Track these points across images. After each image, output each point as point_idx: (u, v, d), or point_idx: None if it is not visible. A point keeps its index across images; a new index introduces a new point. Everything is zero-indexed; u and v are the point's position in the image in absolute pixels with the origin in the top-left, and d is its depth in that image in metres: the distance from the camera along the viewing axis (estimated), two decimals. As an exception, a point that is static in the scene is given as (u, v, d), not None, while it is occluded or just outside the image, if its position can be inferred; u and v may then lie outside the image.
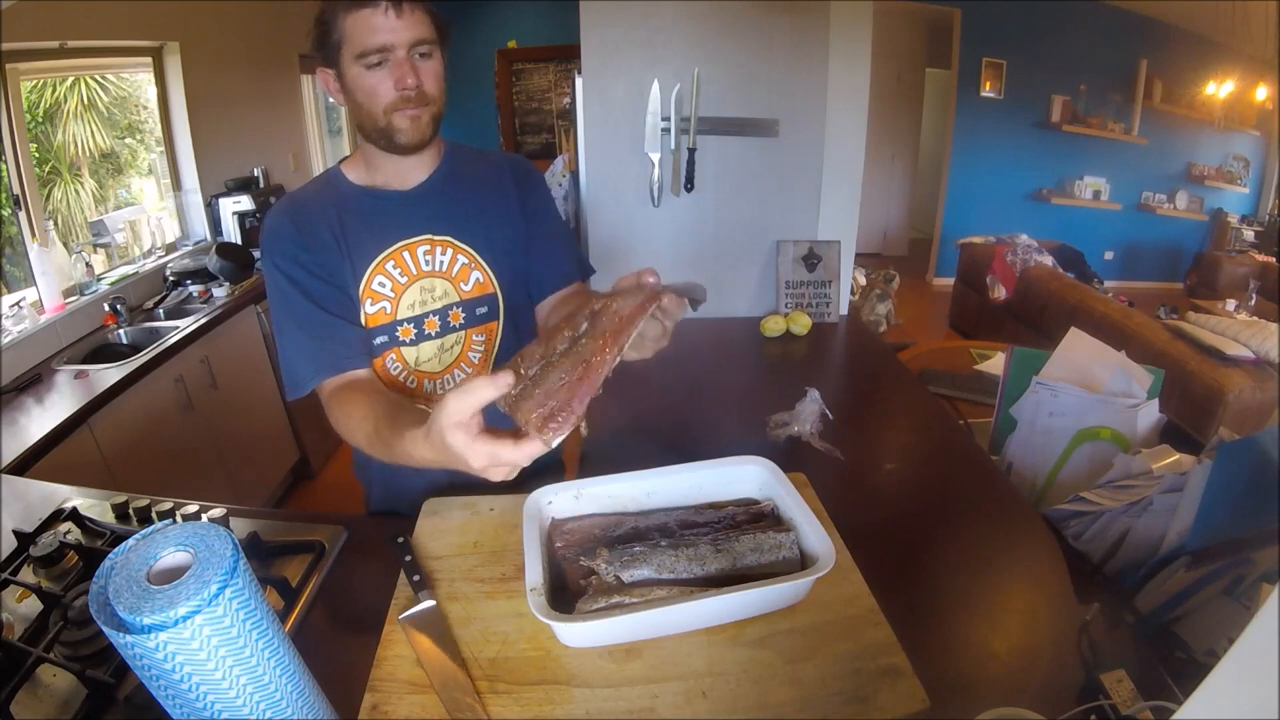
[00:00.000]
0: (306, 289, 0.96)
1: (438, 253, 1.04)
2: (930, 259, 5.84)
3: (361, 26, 0.86)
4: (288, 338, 0.97)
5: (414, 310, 1.04)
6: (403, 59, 0.89)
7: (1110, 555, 0.96)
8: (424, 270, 1.03)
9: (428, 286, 1.04)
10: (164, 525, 0.53)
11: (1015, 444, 1.22)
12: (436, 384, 1.08)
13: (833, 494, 0.95)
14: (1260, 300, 4.27)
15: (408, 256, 1.02)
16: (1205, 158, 5.57)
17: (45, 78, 2.40)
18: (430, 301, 1.05)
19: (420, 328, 1.05)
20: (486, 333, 1.10)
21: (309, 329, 0.96)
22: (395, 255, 1.01)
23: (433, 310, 1.05)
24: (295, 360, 0.96)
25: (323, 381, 0.94)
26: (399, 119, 0.92)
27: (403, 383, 1.06)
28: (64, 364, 2.06)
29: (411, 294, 1.03)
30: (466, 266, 1.06)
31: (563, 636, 0.71)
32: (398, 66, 0.89)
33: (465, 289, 1.06)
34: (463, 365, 1.09)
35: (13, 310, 2.09)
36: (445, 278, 1.05)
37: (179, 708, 0.49)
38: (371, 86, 0.90)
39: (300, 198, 1.03)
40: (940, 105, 5.71)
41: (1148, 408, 1.12)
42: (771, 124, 1.85)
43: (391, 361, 1.04)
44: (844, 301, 2.00)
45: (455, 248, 1.05)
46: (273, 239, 0.97)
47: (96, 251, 2.59)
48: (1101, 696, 0.66)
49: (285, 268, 0.96)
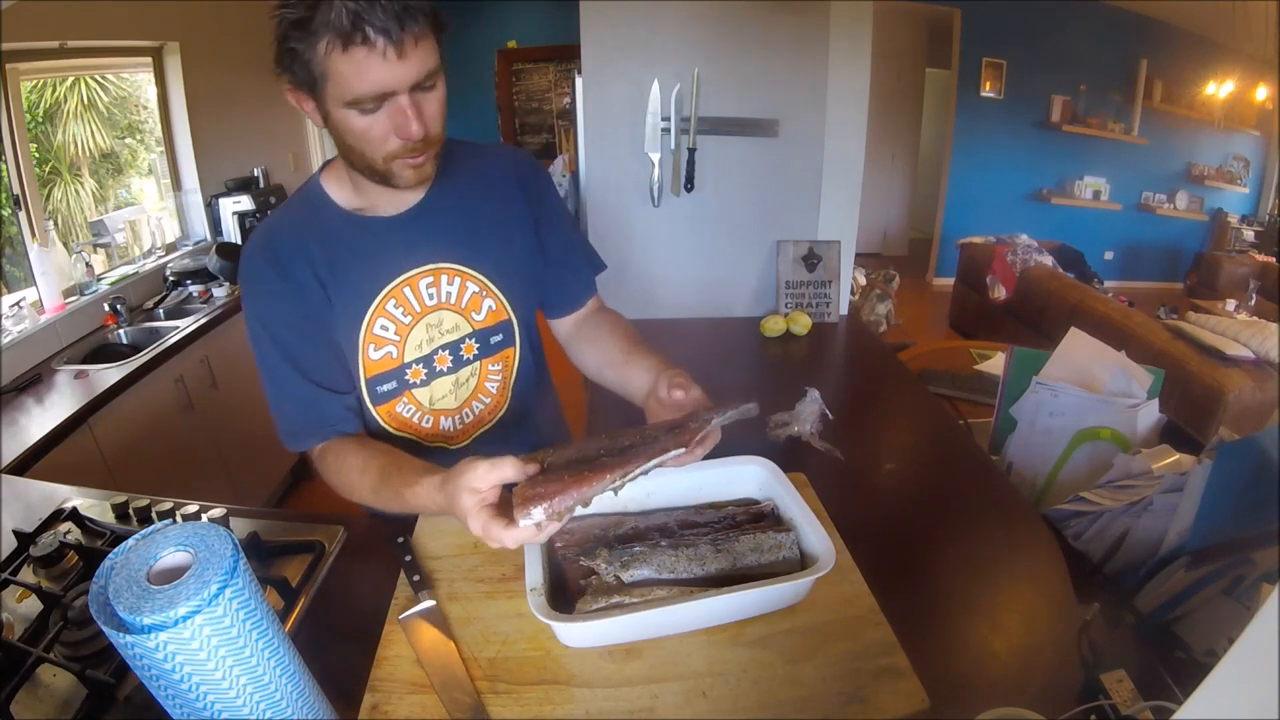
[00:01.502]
0: (288, 349, 0.87)
1: (444, 283, 0.92)
2: (930, 259, 5.84)
3: (351, 70, 0.70)
4: (272, 395, 0.89)
5: (422, 349, 0.94)
6: (405, 104, 0.74)
7: (1110, 555, 0.96)
8: (429, 305, 0.92)
9: (434, 321, 0.93)
10: (164, 525, 0.53)
11: (1015, 444, 1.22)
12: (455, 420, 1.00)
13: (833, 494, 0.95)
14: (1260, 300, 4.27)
15: (409, 292, 0.91)
16: (1205, 158, 5.57)
17: (45, 78, 2.40)
18: (439, 336, 0.94)
19: (431, 366, 0.95)
20: (503, 360, 1.01)
21: (293, 397, 0.88)
22: (395, 293, 0.90)
23: (442, 345, 0.94)
24: (282, 418, 0.90)
25: (312, 446, 0.91)
26: (400, 166, 0.80)
27: (417, 424, 0.98)
28: (64, 364, 2.06)
29: (418, 333, 0.93)
30: (478, 295, 0.95)
31: (563, 636, 0.71)
32: (399, 113, 0.74)
33: (478, 319, 0.96)
34: (480, 397, 1.01)
35: (13, 310, 2.09)
36: (455, 310, 0.94)
37: (179, 708, 0.49)
38: (364, 131, 0.76)
39: (277, 231, 0.89)
40: (940, 105, 5.71)
41: (1148, 408, 1.12)
42: (771, 124, 1.85)
43: (404, 405, 0.96)
44: (844, 301, 2.00)
45: (463, 275, 0.93)
46: (249, 283, 0.87)
47: (96, 251, 2.59)
48: (1101, 696, 0.66)
49: (265, 318, 0.86)
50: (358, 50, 0.69)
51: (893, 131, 6.01)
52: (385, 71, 0.71)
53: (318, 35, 0.69)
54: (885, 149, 6.04)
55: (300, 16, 0.69)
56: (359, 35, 0.68)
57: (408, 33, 0.70)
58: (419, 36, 0.71)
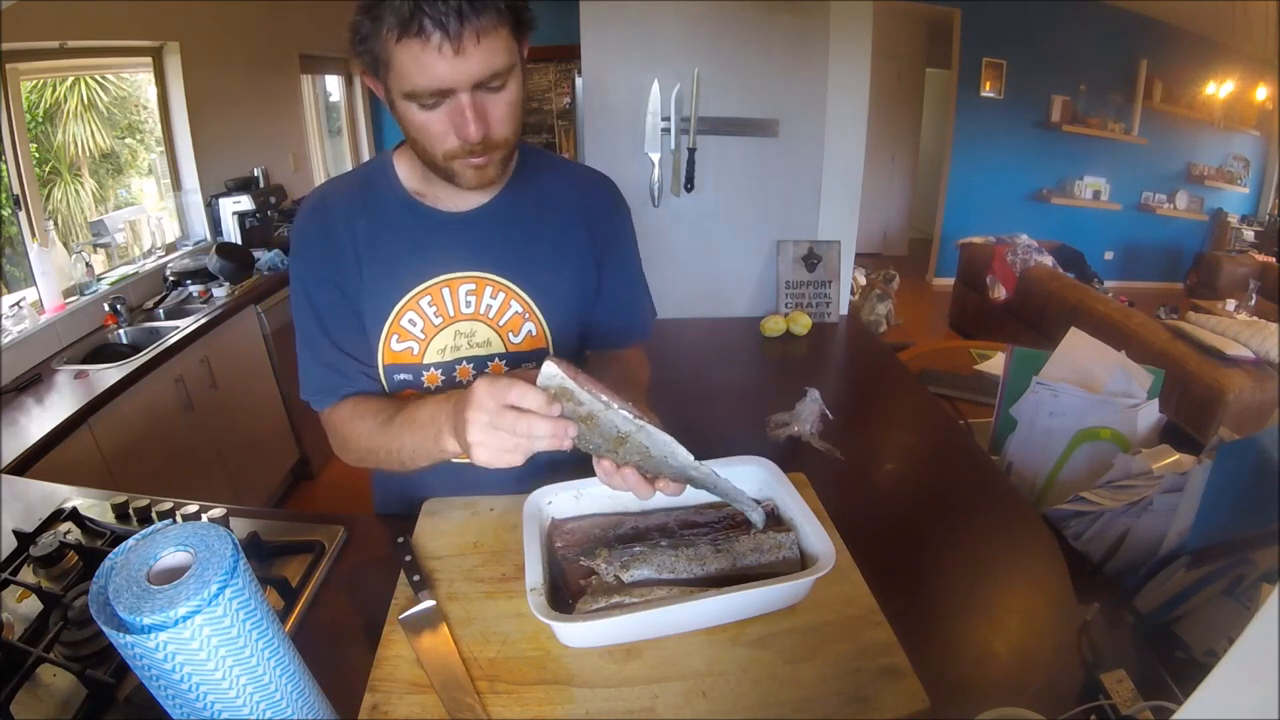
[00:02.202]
0: (319, 311, 0.86)
1: (486, 294, 0.88)
2: (930, 259, 5.84)
3: (409, 61, 0.67)
4: (301, 352, 0.90)
5: (445, 355, 0.90)
6: (465, 104, 0.70)
7: (1110, 555, 0.96)
8: (464, 313, 0.88)
9: (466, 331, 0.89)
10: (164, 525, 0.53)
11: (1015, 444, 1.22)
12: None
13: (833, 494, 0.95)
14: (1260, 300, 4.27)
15: (447, 295, 0.87)
16: (1205, 158, 5.57)
17: (45, 78, 2.40)
18: (467, 347, 0.90)
19: (450, 375, 0.91)
20: None
21: (318, 358, 0.88)
22: (433, 290, 0.86)
23: (468, 357, 0.90)
24: (306, 376, 0.90)
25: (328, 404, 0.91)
26: (460, 166, 0.76)
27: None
28: (64, 364, 2.06)
29: (444, 337, 0.89)
30: (519, 316, 0.90)
31: (563, 636, 0.71)
32: (458, 113, 0.71)
33: (514, 340, 0.91)
34: None
35: (13, 310, 2.09)
36: (490, 325, 0.89)
37: (179, 708, 0.49)
38: (423, 126, 0.73)
39: (330, 195, 0.88)
40: (940, 105, 5.72)
41: (1148, 408, 1.12)
42: (771, 124, 1.85)
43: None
44: (844, 301, 2.00)
45: (509, 292, 0.88)
46: (296, 239, 0.88)
47: (96, 251, 2.59)
48: (1101, 696, 0.66)
49: (305, 278, 0.86)
50: (413, 42, 0.66)
51: (893, 131, 6.01)
52: (443, 67, 0.67)
53: (381, 21, 0.66)
54: (885, 149, 6.04)
55: (369, 2, 0.67)
56: (415, 26, 0.65)
57: (469, 27, 0.65)
58: (484, 32, 0.66)
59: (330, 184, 0.90)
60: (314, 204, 0.88)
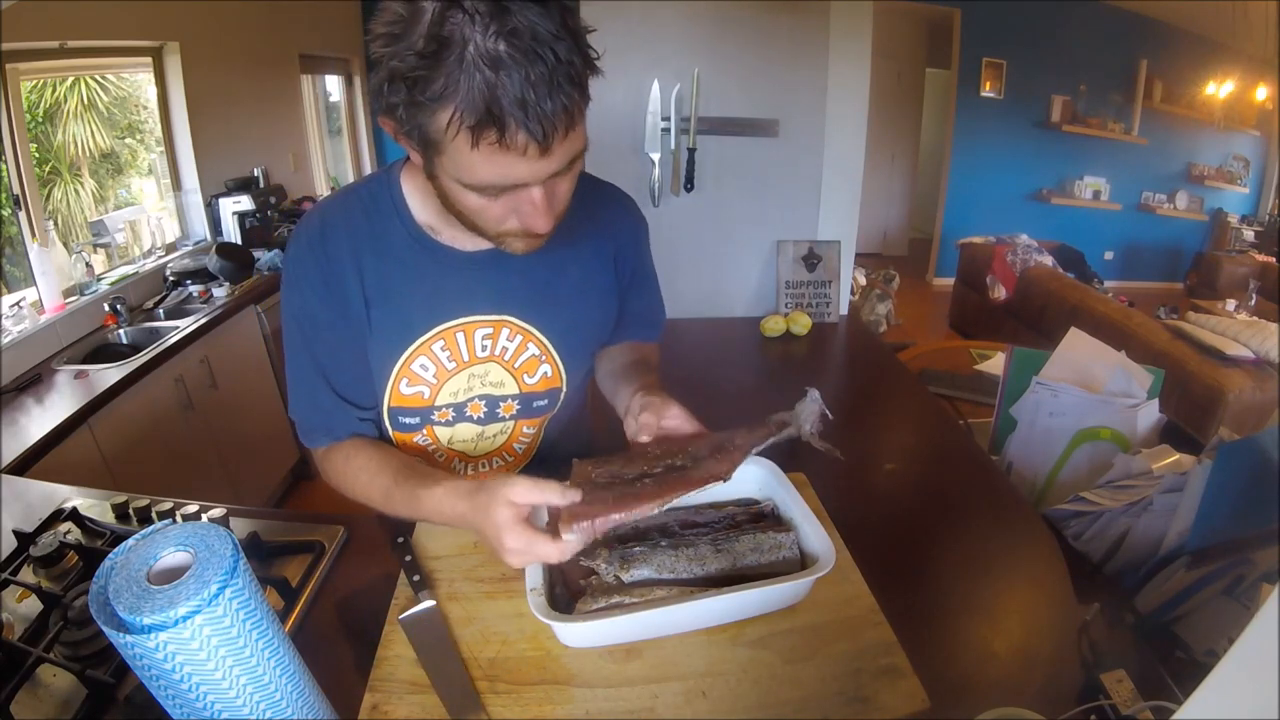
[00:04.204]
0: (315, 352, 0.80)
1: (503, 337, 0.83)
2: (930, 259, 5.84)
3: (480, 160, 0.58)
4: (292, 389, 0.84)
5: (457, 397, 0.86)
6: (537, 197, 0.63)
7: (1110, 555, 0.96)
8: (479, 356, 0.84)
9: (480, 373, 0.85)
10: (164, 525, 0.53)
11: (1015, 444, 1.22)
12: (467, 467, 0.93)
13: (833, 494, 0.95)
14: (1260, 300, 4.27)
15: (461, 339, 0.82)
16: (1205, 158, 5.57)
17: (45, 78, 2.40)
18: (479, 387, 0.86)
19: (462, 411, 0.87)
20: (538, 424, 0.94)
21: (310, 400, 0.83)
22: (447, 335, 0.81)
23: (480, 395, 0.87)
24: (297, 414, 0.85)
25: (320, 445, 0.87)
26: (514, 243, 0.70)
27: (430, 454, 0.91)
28: (64, 364, 2.06)
29: (458, 381, 0.85)
30: (536, 359, 0.86)
31: (563, 636, 0.71)
32: (527, 203, 0.63)
33: (529, 381, 0.88)
34: (504, 454, 0.94)
35: (13, 310, 2.09)
36: (506, 367, 0.85)
37: (179, 708, 0.49)
38: (480, 210, 0.65)
39: (332, 225, 0.78)
40: (940, 105, 5.72)
41: (1148, 408, 1.12)
42: (771, 124, 1.85)
43: (422, 437, 0.90)
44: (844, 301, 2.00)
45: (526, 334, 0.84)
46: (292, 268, 0.78)
47: (96, 251, 2.59)
48: (1101, 696, 0.66)
49: (299, 314, 0.79)
50: (492, 145, 0.55)
51: (893, 131, 6.01)
52: (523, 168, 0.59)
53: (441, 103, 0.54)
54: (885, 149, 6.04)
55: (418, 74, 0.53)
56: (495, 131, 0.54)
57: (559, 125, 0.56)
58: (571, 126, 0.58)
59: (330, 208, 0.80)
60: (313, 235, 0.78)
